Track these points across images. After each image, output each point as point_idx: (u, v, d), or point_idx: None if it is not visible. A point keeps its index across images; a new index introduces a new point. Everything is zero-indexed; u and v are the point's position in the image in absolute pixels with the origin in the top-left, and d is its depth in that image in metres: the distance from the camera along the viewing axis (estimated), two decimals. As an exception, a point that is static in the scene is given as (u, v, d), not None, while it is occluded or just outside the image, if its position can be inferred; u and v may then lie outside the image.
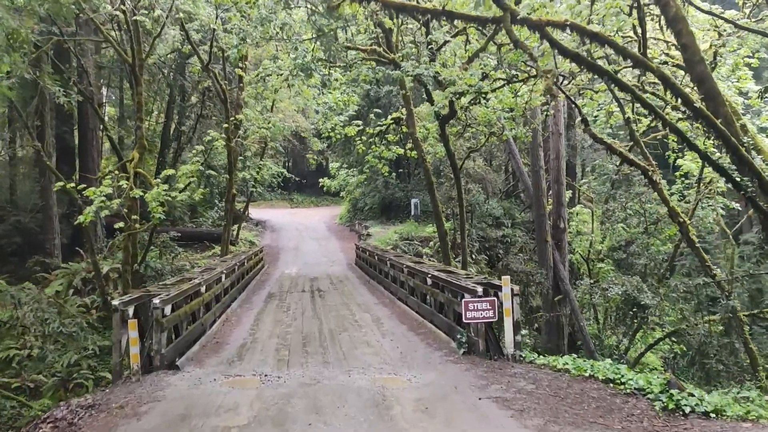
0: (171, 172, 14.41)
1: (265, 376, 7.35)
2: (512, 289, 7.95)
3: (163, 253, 22.36)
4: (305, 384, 6.89)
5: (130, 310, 7.58)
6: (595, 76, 18.91)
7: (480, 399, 6.10)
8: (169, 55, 31.97)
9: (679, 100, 11.25)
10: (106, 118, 36.94)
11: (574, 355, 7.82)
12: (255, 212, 42.23)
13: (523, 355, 7.95)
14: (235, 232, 29.11)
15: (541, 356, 8.14)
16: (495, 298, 8.04)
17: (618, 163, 26.26)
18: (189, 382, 6.90)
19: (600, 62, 11.78)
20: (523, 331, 8.06)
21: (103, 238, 23.88)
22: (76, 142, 25.55)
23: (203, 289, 10.36)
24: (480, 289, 8.03)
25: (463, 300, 8.01)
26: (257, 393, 6.48)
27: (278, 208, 48.35)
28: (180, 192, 14.06)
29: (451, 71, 16.64)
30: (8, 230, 23.41)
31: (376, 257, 18.20)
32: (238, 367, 7.95)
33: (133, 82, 16.85)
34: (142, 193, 13.76)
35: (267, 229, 37.11)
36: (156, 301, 7.30)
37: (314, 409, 5.87)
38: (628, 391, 6.34)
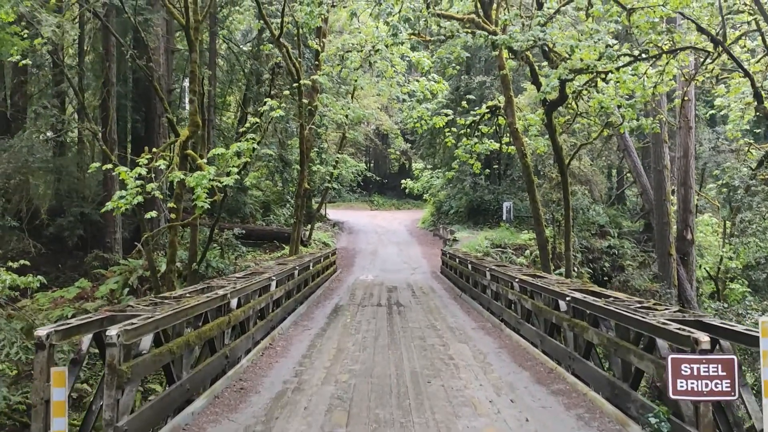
0: (221, 150, 11.52)
1: (298, 479, 3.99)
2: (768, 342, 4.12)
3: (225, 251, 19.90)
4: None
5: (84, 343, 4.44)
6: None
7: None
8: (245, 46, 30.20)
9: None
10: (185, 111, 35.86)
11: None
12: (333, 213, 39.99)
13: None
14: (307, 233, 26.49)
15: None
16: (734, 357, 4.23)
17: (755, 166, 22.20)
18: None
19: None
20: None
21: (165, 232, 21.97)
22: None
23: (234, 302, 7.19)
24: (705, 339, 4.24)
25: (670, 357, 4.25)
26: None
27: (357, 210, 45.90)
28: (231, 176, 11.15)
29: (571, 37, 13.02)
30: (71, 222, 21.86)
31: (469, 266, 14.56)
32: (257, 450, 4.63)
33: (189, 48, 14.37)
34: (183, 176, 11.01)
35: (344, 231, 34.39)
36: (111, 333, 4.03)
37: None
38: None
